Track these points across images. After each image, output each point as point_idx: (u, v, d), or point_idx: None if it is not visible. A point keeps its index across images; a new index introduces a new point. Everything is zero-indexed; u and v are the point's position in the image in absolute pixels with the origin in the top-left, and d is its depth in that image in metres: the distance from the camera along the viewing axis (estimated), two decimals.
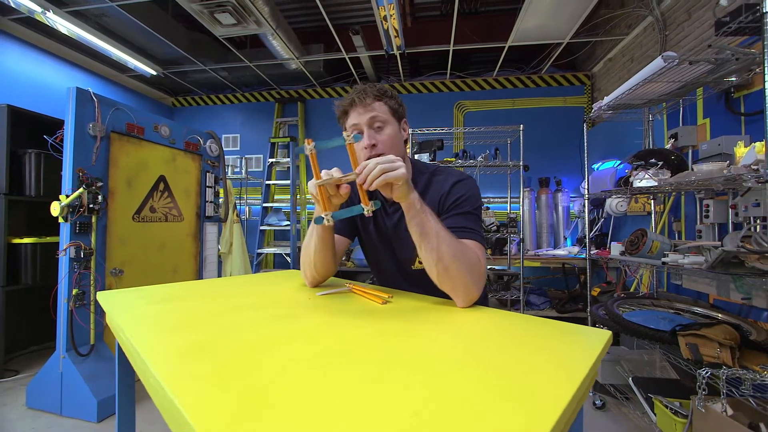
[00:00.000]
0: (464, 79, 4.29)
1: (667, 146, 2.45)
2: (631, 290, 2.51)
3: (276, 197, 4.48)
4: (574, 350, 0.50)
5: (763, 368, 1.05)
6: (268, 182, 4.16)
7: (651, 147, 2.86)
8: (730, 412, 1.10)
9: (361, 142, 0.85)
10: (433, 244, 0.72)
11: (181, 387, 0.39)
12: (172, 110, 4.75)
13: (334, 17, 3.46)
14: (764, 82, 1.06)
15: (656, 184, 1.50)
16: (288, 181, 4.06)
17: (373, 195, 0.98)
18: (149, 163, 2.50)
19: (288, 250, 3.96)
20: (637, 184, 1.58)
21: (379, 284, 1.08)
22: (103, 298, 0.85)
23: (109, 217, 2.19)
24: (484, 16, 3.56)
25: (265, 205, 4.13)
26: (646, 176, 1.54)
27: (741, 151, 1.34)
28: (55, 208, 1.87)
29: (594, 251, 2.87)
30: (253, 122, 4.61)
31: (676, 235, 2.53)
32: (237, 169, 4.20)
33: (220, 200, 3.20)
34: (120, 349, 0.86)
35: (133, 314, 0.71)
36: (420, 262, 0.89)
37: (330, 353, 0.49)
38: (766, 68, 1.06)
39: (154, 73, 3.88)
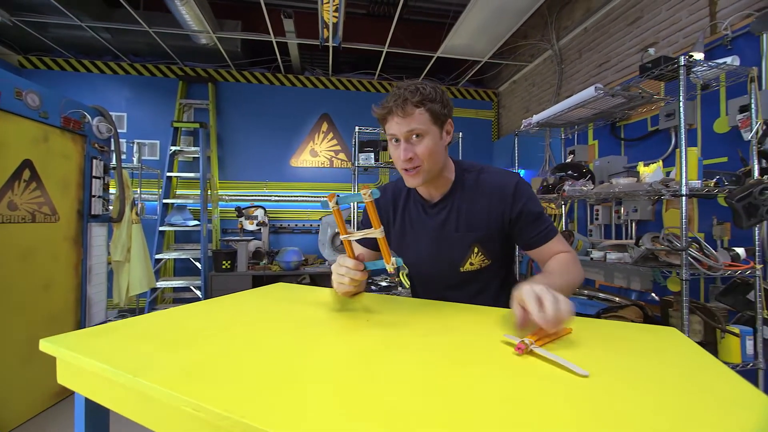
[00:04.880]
0: (391, 81, 4.38)
1: (568, 160, 2.98)
2: None
3: (178, 192, 3.80)
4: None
5: None
6: (170, 174, 3.49)
7: (550, 160, 3.42)
8: None
9: (398, 152, 0.82)
10: (566, 292, 0.73)
11: None
12: (18, 72, 3.56)
13: None
14: (679, 118, 1.37)
15: (586, 190, 1.79)
16: (197, 174, 3.49)
17: (409, 197, 0.94)
18: (7, 141, 1.83)
19: (197, 254, 3.40)
20: (569, 190, 1.86)
21: (418, 288, 1.02)
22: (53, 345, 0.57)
23: None
24: (418, 25, 3.69)
25: (166, 201, 3.46)
26: (576, 185, 1.83)
27: (643, 169, 1.70)
28: None
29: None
30: (146, 100, 3.80)
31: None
32: (125, 156, 3.41)
33: (112, 195, 2.55)
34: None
35: (139, 360, 0.50)
36: (471, 264, 0.88)
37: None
38: (680, 109, 1.38)
39: None
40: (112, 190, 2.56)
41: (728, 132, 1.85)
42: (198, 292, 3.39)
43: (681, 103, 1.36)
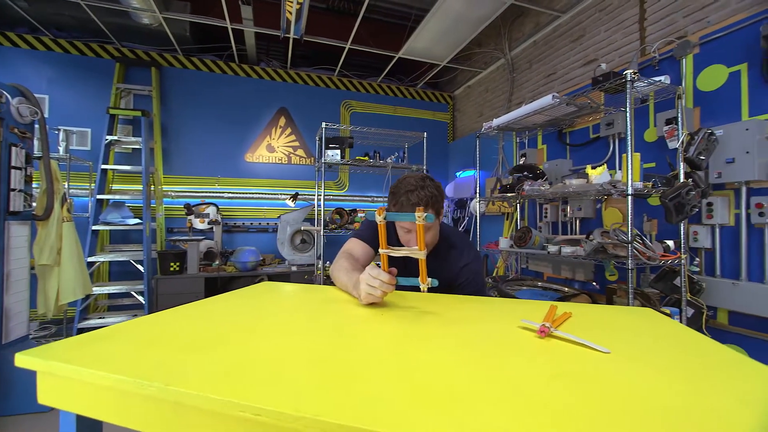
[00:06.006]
0: (351, 79, 4.35)
1: (519, 163, 3.21)
2: (500, 274, 3.16)
3: (115, 187, 3.41)
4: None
5: None
6: (105, 167, 3.11)
7: (503, 162, 3.66)
8: None
9: (406, 238, 1.01)
10: None
11: None
12: None
13: None
14: (626, 125, 1.56)
15: (543, 190, 1.96)
16: (138, 167, 3.16)
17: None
18: None
19: (139, 255, 3.08)
20: (528, 189, 2.02)
21: None
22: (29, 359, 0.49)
23: None
24: (379, 25, 3.71)
25: (100, 197, 3.08)
26: (534, 185, 1.99)
27: (592, 171, 1.90)
28: None
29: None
30: (74, 82, 3.35)
31: None
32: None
33: (36, 189, 2.22)
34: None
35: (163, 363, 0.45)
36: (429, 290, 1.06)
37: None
38: (627, 118, 1.56)
39: None
40: (35, 183, 2.23)
41: (656, 141, 2.14)
42: (140, 298, 3.07)
43: (628, 112, 1.55)
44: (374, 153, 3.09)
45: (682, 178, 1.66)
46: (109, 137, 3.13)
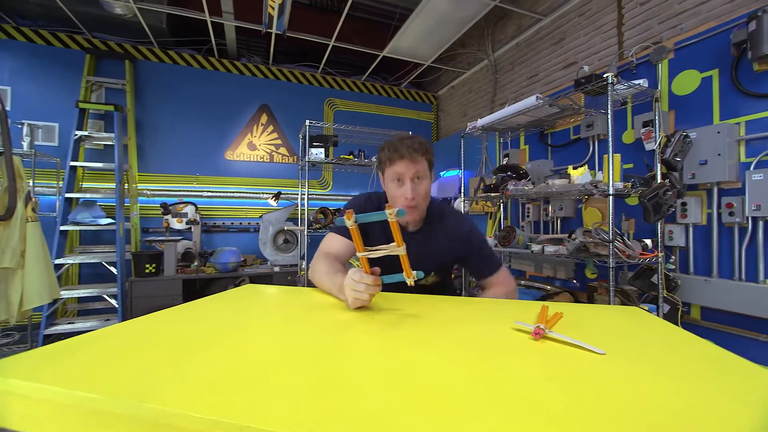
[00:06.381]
0: (335, 77, 4.30)
1: (503, 163, 3.25)
2: None
3: (85, 185, 3.24)
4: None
5: None
6: (74, 164, 2.95)
7: (486, 162, 3.70)
8: None
9: (400, 191, 0.98)
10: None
11: None
12: None
13: None
14: (608, 126, 1.60)
15: (527, 190, 1.98)
16: (110, 165, 3.01)
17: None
18: None
19: (112, 257, 2.94)
20: (512, 189, 2.04)
21: None
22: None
23: None
24: (363, 23, 3.68)
25: (69, 195, 2.92)
26: (519, 185, 2.01)
27: (573, 172, 1.94)
28: None
29: None
30: (39, 74, 3.16)
31: None
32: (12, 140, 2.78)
33: None
34: None
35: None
36: (426, 281, 1.08)
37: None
38: (609, 119, 1.60)
39: None
40: None
41: (633, 142, 2.20)
42: (113, 301, 2.93)
43: (609, 114, 1.58)
44: (359, 152, 3.06)
45: (659, 179, 1.71)
46: (79, 132, 2.97)
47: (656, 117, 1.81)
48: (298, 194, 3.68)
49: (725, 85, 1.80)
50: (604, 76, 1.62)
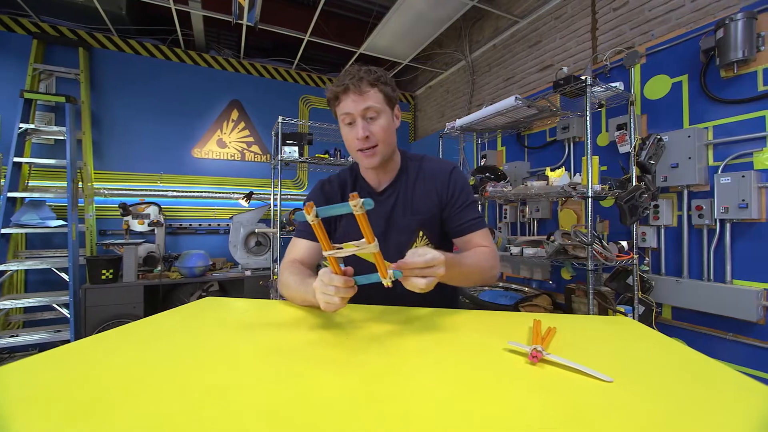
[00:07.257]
0: (310, 73, 4.17)
1: (480, 164, 3.25)
2: None
3: (32, 184, 2.95)
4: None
5: None
6: (18, 160, 2.67)
7: (464, 163, 3.70)
8: None
9: (353, 132, 0.83)
10: (468, 280, 0.83)
11: None
12: None
13: None
14: (586, 128, 1.59)
15: (506, 191, 1.96)
16: (62, 161, 2.75)
17: (355, 186, 0.95)
18: None
19: (63, 262, 2.69)
20: (492, 191, 2.02)
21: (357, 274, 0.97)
22: None
23: None
24: (339, 19, 3.58)
25: (11, 194, 2.64)
26: (498, 186, 1.99)
27: (551, 174, 1.94)
28: None
29: None
30: None
31: None
32: None
33: None
34: None
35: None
36: (416, 247, 0.88)
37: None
38: (587, 120, 1.60)
39: None
40: None
41: (608, 145, 2.24)
42: (65, 311, 2.68)
43: (588, 116, 1.58)
44: (335, 151, 2.95)
45: (634, 182, 1.73)
46: (24, 125, 2.69)
47: (631, 120, 1.83)
48: (270, 194, 3.52)
49: (694, 90, 1.85)
50: (584, 77, 1.62)
